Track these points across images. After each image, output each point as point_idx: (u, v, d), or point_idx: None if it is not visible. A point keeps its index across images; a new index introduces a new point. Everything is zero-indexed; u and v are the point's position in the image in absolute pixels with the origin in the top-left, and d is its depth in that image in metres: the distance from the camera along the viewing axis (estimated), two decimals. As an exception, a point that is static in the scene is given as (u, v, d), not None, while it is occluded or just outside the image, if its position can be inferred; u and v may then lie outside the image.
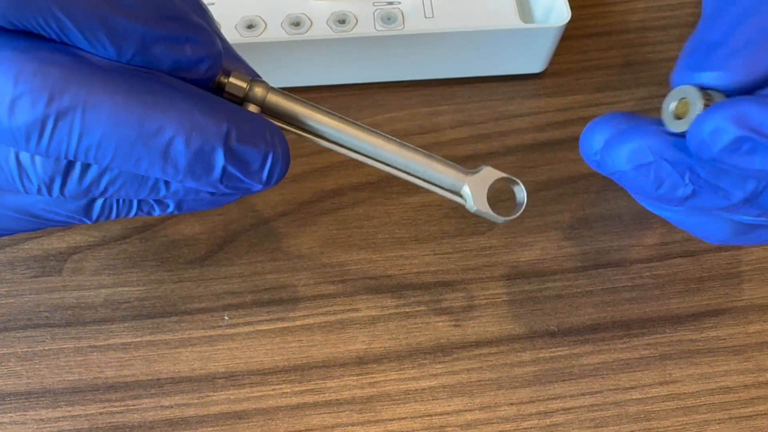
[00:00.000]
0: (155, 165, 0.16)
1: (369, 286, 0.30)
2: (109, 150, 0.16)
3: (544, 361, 0.28)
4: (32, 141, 0.16)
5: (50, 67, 0.15)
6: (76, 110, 0.15)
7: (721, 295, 0.30)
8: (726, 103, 0.16)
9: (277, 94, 0.20)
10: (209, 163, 0.17)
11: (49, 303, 0.29)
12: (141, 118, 0.16)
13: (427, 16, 0.34)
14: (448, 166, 0.21)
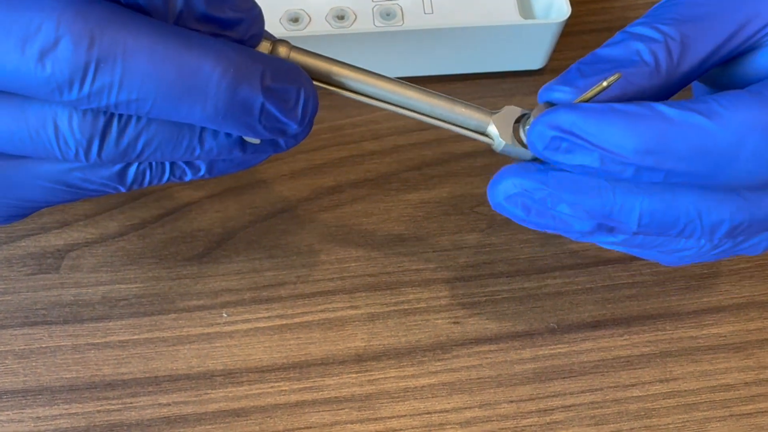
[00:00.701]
0: (195, 105, 0.17)
1: (368, 284, 0.30)
2: (149, 93, 0.16)
3: (544, 358, 0.28)
4: (75, 87, 0.16)
5: (89, 11, 0.15)
6: (116, 52, 0.15)
7: (721, 292, 0.30)
8: (547, 111, 0.19)
9: (298, 51, 0.20)
10: (247, 102, 0.17)
11: (47, 300, 0.29)
12: (180, 58, 0.16)
13: (426, 12, 0.34)
14: (471, 108, 0.22)
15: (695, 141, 0.18)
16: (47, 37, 0.15)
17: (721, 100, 0.18)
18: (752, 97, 0.18)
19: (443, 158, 0.33)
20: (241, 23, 0.18)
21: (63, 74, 0.15)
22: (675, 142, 0.18)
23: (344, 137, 0.33)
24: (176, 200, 0.31)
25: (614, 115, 0.18)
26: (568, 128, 0.18)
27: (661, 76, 0.19)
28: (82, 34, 0.15)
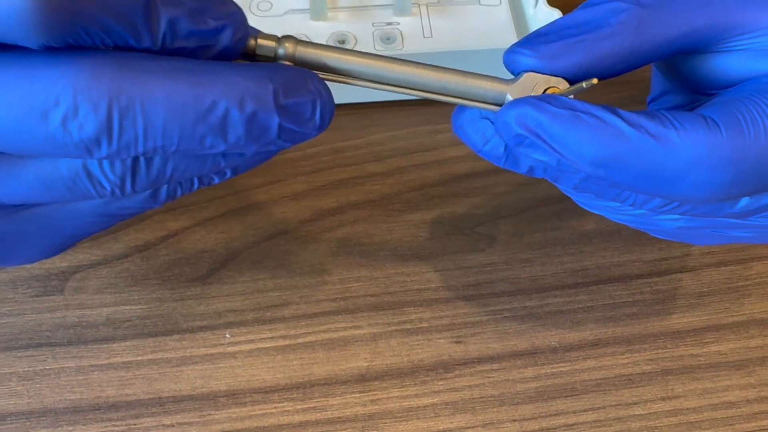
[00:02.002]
0: (218, 138, 0.17)
1: (370, 304, 0.30)
2: (174, 135, 0.17)
3: (546, 376, 0.28)
4: (103, 146, 0.16)
5: (101, 74, 0.16)
6: (135, 106, 0.16)
7: (721, 309, 0.30)
8: (516, 102, 0.19)
9: (305, 45, 0.20)
10: (265, 124, 0.18)
11: (51, 322, 0.29)
12: (195, 98, 0.16)
13: (425, 36, 0.34)
14: (486, 79, 0.21)
15: (645, 163, 0.19)
16: (67, 108, 0.16)
17: (678, 125, 0.19)
18: (706, 129, 0.19)
19: (444, 179, 0.33)
20: (226, 30, 0.18)
21: (89, 138, 0.16)
22: (627, 162, 0.19)
23: (345, 159, 0.34)
24: (180, 222, 0.32)
25: (578, 123, 0.19)
26: (534, 129, 0.19)
27: (625, 45, 0.20)
28: (99, 98, 0.16)
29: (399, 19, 0.35)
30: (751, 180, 0.19)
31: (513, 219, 0.32)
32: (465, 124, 0.21)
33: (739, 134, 0.19)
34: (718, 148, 0.19)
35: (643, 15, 0.20)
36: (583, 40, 0.20)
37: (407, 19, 0.35)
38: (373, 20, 0.35)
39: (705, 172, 0.19)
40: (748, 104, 0.19)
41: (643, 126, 0.19)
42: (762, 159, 0.19)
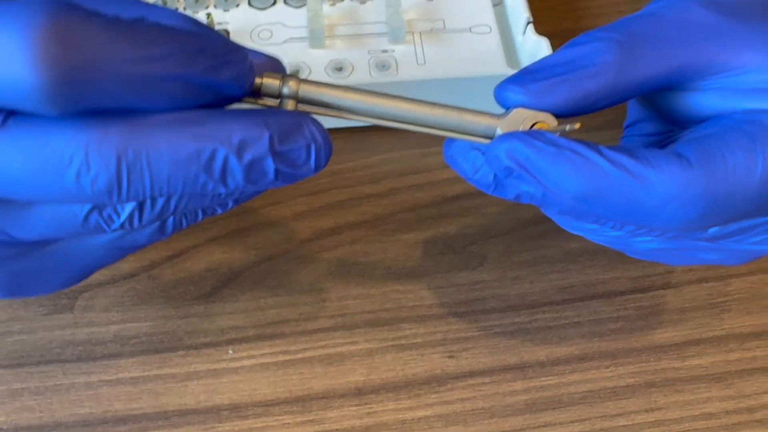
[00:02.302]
0: (218, 184, 0.19)
1: (367, 320, 0.31)
2: (178, 183, 0.18)
3: (534, 390, 0.30)
4: (114, 196, 0.18)
5: (110, 131, 0.17)
6: (142, 161, 0.17)
7: (702, 324, 0.32)
8: (506, 137, 0.21)
9: (308, 83, 0.21)
10: (262, 170, 0.19)
11: (61, 339, 0.30)
12: (196, 150, 0.18)
13: (419, 63, 0.36)
14: (478, 114, 0.22)
15: (624, 199, 0.20)
16: (80, 166, 0.17)
17: (655, 164, 0.20)
18: (680, 168, 0.20)
19: (436, 200, 0.35)
20: (236, 80, 0.19)
21: (101, 190, 0.18)
22: (607, 197, 0.20)
23: (342, 181, 0.35)
24: (184, 242, 0.33)
25: (563, 160, 0.20)
26: (522, 162, 0.21)
27: (608, 84, 0.21)
28: (109, 156, 0.17)
29: (394, 46, 0.37)
30: (720, 213, 0.21)
31: (503, 238, 0.34)
32: (456, 154, 0.23)
33: (710, 172, 0.20)
34: (691, 186, 0.20)
35: (625, 56, 0.21)
36: (569, 78, 0.21)
37: (401, 47, 0.37)
38: (369, 48, 0.36)
39: (678, 208, 0.20)
40: (720, 142, 0.21)
41: (623, 164, 0.20)
42: (731, 194, 0.21)
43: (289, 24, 0.37)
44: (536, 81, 0.21)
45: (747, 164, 0.20)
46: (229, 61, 0.18)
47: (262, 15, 0.38)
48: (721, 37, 0.22)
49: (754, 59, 0.22)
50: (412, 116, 0.22)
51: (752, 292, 0.32)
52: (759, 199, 0.21)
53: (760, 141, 0.21)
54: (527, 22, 0.36)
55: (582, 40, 0.22)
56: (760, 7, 0.23)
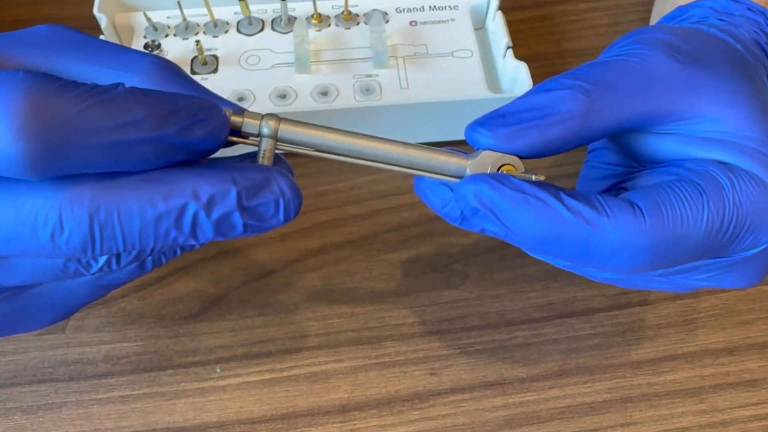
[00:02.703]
0: (188, 238, 0.20)
1: (351, 338, 0.32)
2: (148, 238, 0.19)
3: (514, 405, 0.31)
4: (88, 252, 0.19)
5: (82, 193, 0.18)
6: (113, 219, 0.18)
7: (677, 340, 0.32)
8: (473, 179, 0.22)
9: (287, 123, 0.22)
10: (231, 224, 0.20)
11: (53, 359, 0.31)
12: (166, 207, 0.19)
13: (402, 87, 0.37)
14: (449, 155, 0.23)
15: (580, 244, 0.22)
16: (54, 226, 0.18)
17: (610, 214, 0.22)
18: (633, 218, 0.22)
19: (420, 220, 0.36)
20: (211, 136, 0.19)
21: (75, 247, 0.19)
22: (565, 242, 0.22)
23: (328, 202, 0.36)
24: (173, 263, 0.34)
25: (526, 205, 0.22)
26: (487, 204, 0.22)
27: (572, 131, 0.22)
28: (81, 216, 0.18)
29: (378, 71, 0.38)
30: (666, 260, 0.23)
31: (484, 257, 0.35)
32: (426, 189, 0.24)
33: (660, 224, 0.22)
34: (642, 237, 0.22)
35: (590, 105, 0.22)
36: (536, 125, 0.22)
37: (385, 72, 0.38)
38: (354, 73, 0.38)
39: (629, 255, 0.22)
40: (670, 193, 0.22)
41: (581, 213, 0.22)
42: (677, 244, 0.22)
43: (277, 50, 0.39)
44: (505, 126, 0.22)
45: (694, 217, 0.22)
46: (201, 120, 0.19)
47: (250, 41, 0.39)
48: (680, 87, 0.23)
49: (708, 110, 0.23)
50: (387, 156, 0.23)
51: (725, 309, 0.33)
52: (702, 248, 0.23)
53: (707, 195, 0.22)
54: (507, 47, 0.37)
55: (551, 86, 0.23)
56: (719, 53, 0.25)
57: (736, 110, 0.23)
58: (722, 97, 0.23)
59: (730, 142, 0.23)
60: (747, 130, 0.23)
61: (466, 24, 0.40)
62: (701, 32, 0.26)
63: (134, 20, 0.40)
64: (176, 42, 0.39)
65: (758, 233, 0.23)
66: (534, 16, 0.44)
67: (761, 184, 0.22)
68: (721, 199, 0.22)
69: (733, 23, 0.28)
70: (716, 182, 0.22)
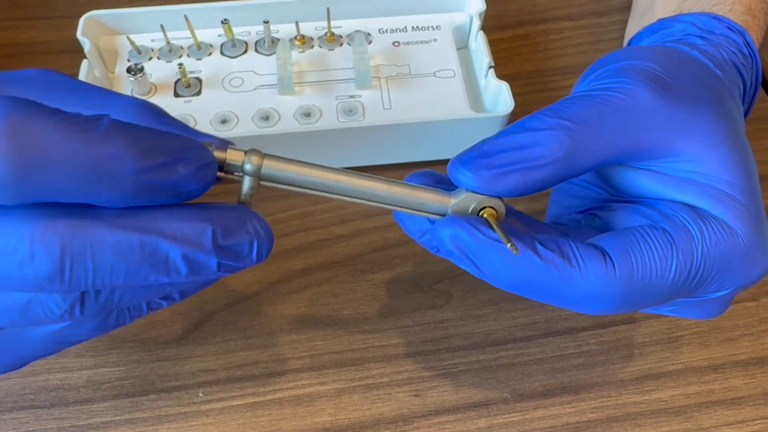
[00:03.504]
0: (161, 275, 0.19)
1: (335, 360, 0.32)
2: (120, 274, 0.19)
3: (498, 427, 0.30)
4: (55, 284, 0.18)
5: (56, 223, 0.18)
6: (86, 252, 0.18)
7: (662, 359, 0.32)
8: (451, 222, 0.22)
9: (270, 159, 0.22)
10: (205, 264, 0.20)
11: (34, 385, 0.31)
12: (140, 244, 0.19)
13: (385, 107, 0.37)
14: (431, 192, 0.23)
15: (550, 291, 0.22)
16: (23, 255, 0.18)
17: (582, 265, 0.22)
18: (603, 269, 0.22)
19: (404, 240, 0.36)
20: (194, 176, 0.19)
21: (43, 278, 0.18)
22: (536, 288, 0.22)
23: (313, 222, 0.36)
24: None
25: (500, 252, 0.22)
26: (463, 248, 0.22)
27: (555, 171, 0.22)
28: (53, 244, 0.18)
29: (360, 92, 0.38)
30: (634, 306, 0.23)
31: (468, 277, 0.34)
32: (405, 218, 0.25)
33: (628, 275, 0.22)
34: (611, 287, 0.22)
35: (573, 146, 0.22)
36: (519, 168, 0.22)
37: (368, 92, 0.38)
38: (337, 93, 0.38)
39: (598, 302, 0.23)
40: (641, 241, 0.23)
41: (554, 263, 0.22)
42: (645, 292, 0.23)
43: (260, 71, 0.39)
44: (488, 168, 0.22)
45: (662, 267, 0.22)
46: (186, 159, 0.19)
47: (233, 63, 0.39)
48: (662, 125, 0.23)
49: (687, 150, 0.23)
50: (371, 194, 0.23)
51: (709, 326, 0.33)
52: (669, 295, 0.23)
53: (677, 245, 0.22)
54: (488, 67, 0.38)
55: (534, 124, 0.23)
56: (700, 86, 0.25)
57: (713, 152, 0.23)
58: (701, 137, 0.23)
59: (705, 185, 0.23)
60: (722, 173, 0.23)
61: (449, 44, 0.40)
62: (683, 56, 0.26)
63: (118, 44, 0.40)
64: (160, 65, 0.39)
65: (724, 279, 0.23)
66: (516, 35, 0.45)
67: (729, 231, 0.23)
68: (690, 249, 0.22)
69: (714, 43, 0.28)
70: (686, 231, 0.23)
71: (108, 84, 0.39)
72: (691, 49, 0.27)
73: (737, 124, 0.25)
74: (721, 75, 0.26)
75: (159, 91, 0.38)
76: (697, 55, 0.27)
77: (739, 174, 0.23)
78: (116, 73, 0.39)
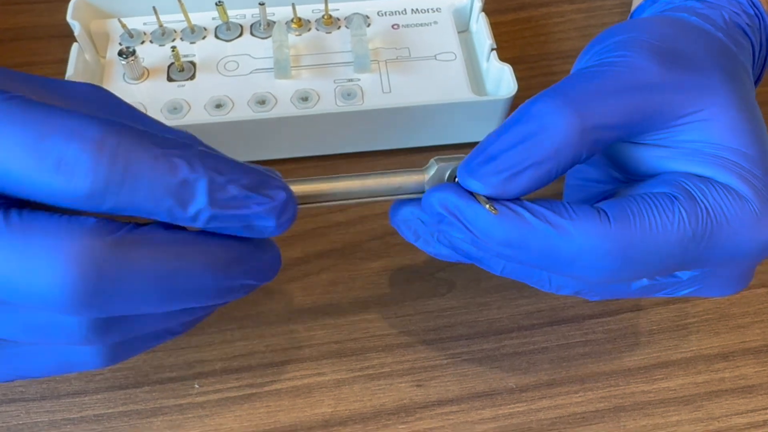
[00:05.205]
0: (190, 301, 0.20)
1: (334, 351, 0.31)
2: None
3: (503, 417, 0.30)
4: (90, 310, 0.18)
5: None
6: (125, 280, 0.18)
7: (670, 347, 0.32)
8: (440, 187, 0.22)
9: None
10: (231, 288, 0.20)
11: (24, 378, 0.30)
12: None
13: (384, 91, 0.36)
14: (404, 174, 0.23)
15: (544, 246, 0.21)
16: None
17: (574, 216, 0.21)
18: (597, 221, 0.21)
19: (404, 227, 0.35)
20: (268, 215, 0.20)
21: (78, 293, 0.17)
22: (529, 244, 0.21)
23: (311, 210, 0.35)
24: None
25: (488, 211, 0.21)
26: (452, 210, 0.22)
27: (568, 156, 0.21)
28: (88, 277, 0.17)
29: (359, 75, 0.37)
30: (638, 268, 0.22)
31: (471, 264, 0.34)
32: (400, 223, 0.25)
33: (625, 227, 0.21)
34: (606, 240, 0.21)
35: (581, 125, 0.21)
36: (530, 164, 0.21)
37: (367, 76, 0.37)
38: (335, 77, 0.37)
39: (594, 259, 0.21)
40: (640, 202, 0.22)
41: (544, 215, 0.21)
42: (647, 250, 0.21)
43: (256, 55, 0.38)
44: (498, 173, 0.21)
45: (664, 224, 0.21)
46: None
47: (228, 46, 0.38)
48: (665, 92, 0.22)
49: (694, 116, 0.22)
50: (347, 192, 0.23)
51: (719, 313, 0.32)
52: (676, 258, 0.22)
53: (680, 202, 0.21)
54: (491, 49, 0.37)
55: (539, 108, 0.22)
56: (701, 50, 0.24)
57: (721, 117, 0.22)
58: (707, 103, 0.22)
59: (712, 155, 0.22)
60: (730, 140, 0.22)
61: (449, 26, 0.39)
62: (682, 24, 0.25)
63: (109, 27, 0.39)
64: (153, 48, 0.38)
65: (735, 246, 0.22)
66: (518, 19, 0.44)
67: (738, 197, 0.22)
68: (695, 208, 0.21)
69: (714, 5, 0.27)
70: (690, 193, 0.22)
71: (100, 68, 0.38)
72: (689, 15, 0.26)
73: (746, 88, 0.24)
74: (723, 38, 0.25)
75: (152, 76, 0.37)
76: (695, 21, 0.26)
77: (749, 140, 0.22)
78: (107, 57, 0.38)
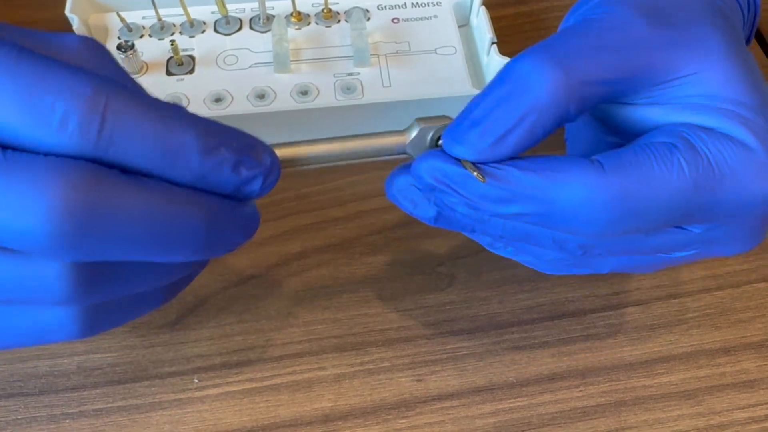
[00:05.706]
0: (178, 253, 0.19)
1: (334, 345, 0.31)
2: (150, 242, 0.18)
3: (504, 412, 0.29)
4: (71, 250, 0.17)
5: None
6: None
7: (671, 341, 0.31)
8: (426, 156, 0.22)
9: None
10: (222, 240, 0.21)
11: (23, 372, 0.30)
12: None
13: (384, 85, 0.36)
14: (385, 135, 0.23)
15: (540, 201, 0.21)
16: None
17: (567, 168, 0.21)
18: (591, 170, 0.21)
19: (403, 221, 0.35)
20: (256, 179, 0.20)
21: (60, 236, 0.17)
22: (524, 199, 0.21)
23: (309, 204, 0.35)
24: (149, 270, 0.33)
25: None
26: (441, 178, 0.22)
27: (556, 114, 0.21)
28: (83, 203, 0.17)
29: (359, 69, 0.37)
30: (635, 218, 0.21)
31: (472, 259, 0.34)
32: (396, 193, 0.24)
33: (622, 176, 0.21)
34: (603, 190, 0.20)
35: (567, 81, 0.21)
36: (515, 125, 0.21)
37: (367, 70, 0.37)
38: (335, 71, 0.37)
39: (592, 210, 0.21)
40: (637, 151, 0.21)
41: (534, 169, 0.21)
42: (647, 199, 0.21)
43: (255, 49, 0.37)
44: (484, 137, 0.21)
45: (661, 173, 0.21)
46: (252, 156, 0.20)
47: (227, 40, 0.38)
48: (656, 46, 0.22)
49: (687, 68, 0.22)
50: (327, 156, 0.23)
51: (721, 307, 0.32)
52: (677, 209, 0.21)
53: (679, 154, 0.21)
54: (491, 43, 0.36)
55: (523, 65, 0.21)
56: (689, 3, 0.23)
57: (716, 67, 0.22)
58: (701, 54, 0.22)
59: (710, 107, 0.22)
60: (727, 91, 0.22)
61: (450, 20, 0.39)
62: None
63: (108, 21, 0.38)
64: (151, 42, 0.38)
65: (742, 195, 0.21)
66: (519, 12, 0.44)
67: (740, 145, 0.21)
68: (695, 156, 0.21)
69: None
70: (689, 142, 0.21)
71: (98, 63, 0.38)
72: None
73: (739, 40, 0.23)
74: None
75: (150, 70, 0.37)
76: None
77: (746, 89, 0.22)
78: (106, 52, 0.37)
